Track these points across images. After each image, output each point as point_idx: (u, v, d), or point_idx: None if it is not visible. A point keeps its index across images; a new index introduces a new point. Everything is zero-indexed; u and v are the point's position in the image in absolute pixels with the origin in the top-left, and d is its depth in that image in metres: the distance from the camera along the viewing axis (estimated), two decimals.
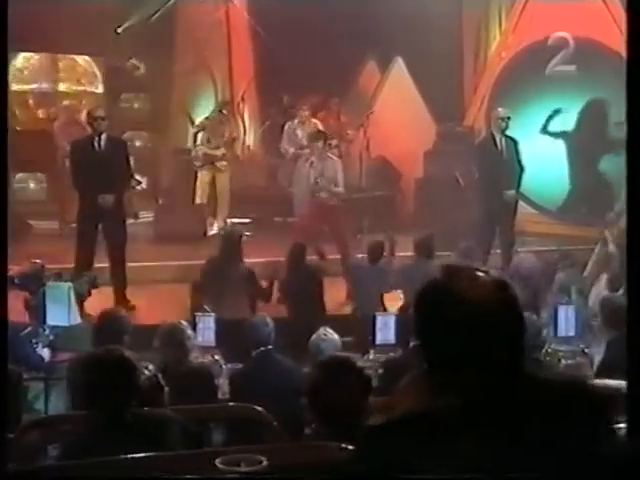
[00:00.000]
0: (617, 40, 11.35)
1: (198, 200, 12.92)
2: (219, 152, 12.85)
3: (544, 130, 12.97)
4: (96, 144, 9.65)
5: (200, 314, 7.31)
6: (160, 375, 4.55)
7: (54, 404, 5.60)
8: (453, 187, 12.76)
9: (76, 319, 7.25)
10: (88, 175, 9.58)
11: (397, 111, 14.31)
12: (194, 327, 6.96)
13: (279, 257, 10.08)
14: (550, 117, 12.96)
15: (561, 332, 7.48)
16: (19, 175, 14.10)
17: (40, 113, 14.46)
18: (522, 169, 10.91)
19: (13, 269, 8.22)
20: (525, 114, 12.79)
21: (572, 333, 7.47)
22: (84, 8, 13.33)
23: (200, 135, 12.99)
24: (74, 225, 10.45)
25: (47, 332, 6.92)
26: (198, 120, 13.35)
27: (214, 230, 12.71)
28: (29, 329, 6.93)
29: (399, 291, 9.26)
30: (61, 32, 13.43)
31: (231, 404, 5.51)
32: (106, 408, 3.76)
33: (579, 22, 12.70)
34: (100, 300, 9.47)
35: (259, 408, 4.57)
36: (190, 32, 14.60)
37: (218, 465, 2.71)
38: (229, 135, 13.01)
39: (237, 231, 9.91)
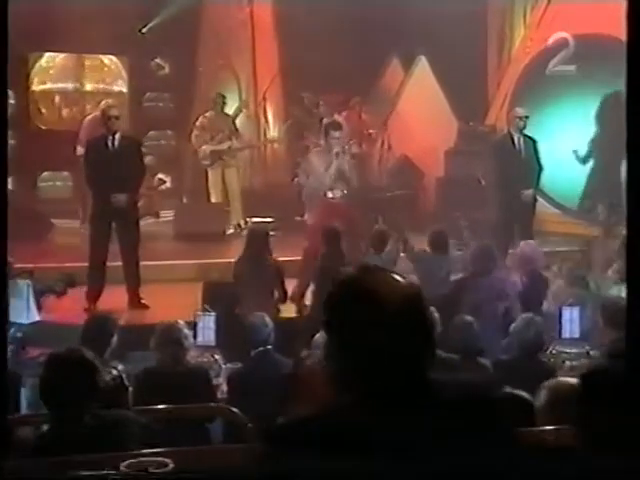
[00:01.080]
0: None
1: (213, 199, 12.94)
2: (225, 146, 12.88)
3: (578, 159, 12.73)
4: (110, 143, 9.65)
5: (200, 313, 7.28)
6: (125, 375, 4.52)
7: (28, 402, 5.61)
8: (474, 187, 12.68)
9: (34, 317, 7.28)
10: (101, 174, 9.58)
11: (420, 110, 14.27)
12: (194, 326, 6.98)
13: (300, 257, 10.05)
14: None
15: (565, 334, 7.39)
16: (45, 174, 14.23)
17: (65, 112, 14.53)
18: (541, 168, 10.83)
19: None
20: (548, 113, 12.70)
21: (577, 335, 7.38)
22: (109, 8, 13.40)
23: (201, 135, 12.97)
24: None
25: (12, 329, 6.95)
26: (197, 122, 13.27)
27: (232, 229, 12.74)
28: None
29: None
30: (86, 32, 13.50)
31: (206, 405, 5.49)
32: (64, 408, 3.75)
33: (601, 21, 12.54)
34: (114, 299, 9.57)
35: (234, 409, 4.55)
36: (214, 32, 14.65)
37: (123, 469, 2.68)
38: (229, 128, 13.00)
39: (263, 228, 9.89)
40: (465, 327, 6.92)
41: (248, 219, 13.08)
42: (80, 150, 11.88)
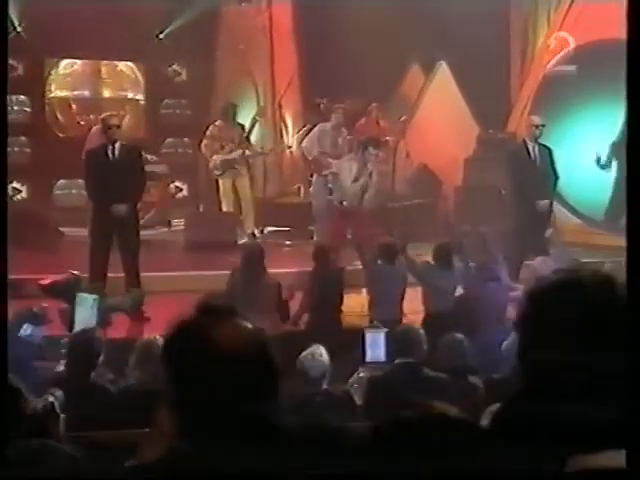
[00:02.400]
0: None
1: (224, 208, 12.77)
2: (236, 154, 12.70)
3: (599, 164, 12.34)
4: (110, 152, 9.56)
5: None
6: (57, 403, 4.32)
7: None
8: (493, 196, 12.40)
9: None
10: (102, 184, 9.51)
11: (440, 117, 14.04)
12: None
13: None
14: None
15: None
16: (60, 182, 14.12)
17: (82, 119, 14.41)
18: (557, 178, 10.58)
19: (49, 277, 8.34)
20: (569, 121, 12.40)
21: None
22: (126, 14, 13.30)
23: (211, 144, 12.80)
24: None
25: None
26: (208, 131, 13.06)
27: (245, 239, 12.56)
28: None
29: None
30: (103, 38, 13.41)
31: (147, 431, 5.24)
32: None
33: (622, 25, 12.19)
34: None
35: None
36: (232, 37, 14.51)
37: None
38: (239, 137, 12.82)
39: (258, 247, 9.63)
40: (455, 345, 6.67)
41: (262, 228, 12.90)
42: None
